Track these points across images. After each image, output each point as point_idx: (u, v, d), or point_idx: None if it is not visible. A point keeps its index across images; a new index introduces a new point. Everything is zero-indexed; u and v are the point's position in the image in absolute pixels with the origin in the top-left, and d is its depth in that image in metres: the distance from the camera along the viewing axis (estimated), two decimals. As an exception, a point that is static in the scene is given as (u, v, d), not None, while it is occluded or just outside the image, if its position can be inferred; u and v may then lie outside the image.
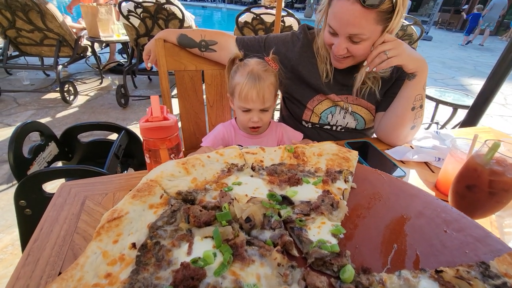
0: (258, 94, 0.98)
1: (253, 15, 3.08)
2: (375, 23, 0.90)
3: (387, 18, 0.90)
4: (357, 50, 0.97)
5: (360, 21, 0.89)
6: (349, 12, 0.88)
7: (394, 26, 0.93)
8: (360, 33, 0.92)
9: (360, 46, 0.96)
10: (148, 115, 0.73)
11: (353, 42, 0.95)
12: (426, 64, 1.01)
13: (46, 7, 3.09)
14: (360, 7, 0.86)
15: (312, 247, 0.46)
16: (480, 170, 0.66)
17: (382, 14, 0.88)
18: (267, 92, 0.99)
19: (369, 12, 0.87)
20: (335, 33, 0.97)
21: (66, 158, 1.64)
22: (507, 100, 5.05)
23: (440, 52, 9.56)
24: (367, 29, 0.91)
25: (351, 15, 0.89)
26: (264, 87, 0.98)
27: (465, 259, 0.46)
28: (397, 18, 0.91)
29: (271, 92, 1.02)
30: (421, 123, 1.12)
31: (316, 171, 0.67)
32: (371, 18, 0.88)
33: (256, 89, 0.98)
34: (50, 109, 3.44)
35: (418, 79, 1.01)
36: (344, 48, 0.97)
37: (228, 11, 20.78)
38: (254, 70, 1.00)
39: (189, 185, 0.58)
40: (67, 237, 0.60)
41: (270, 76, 1.01)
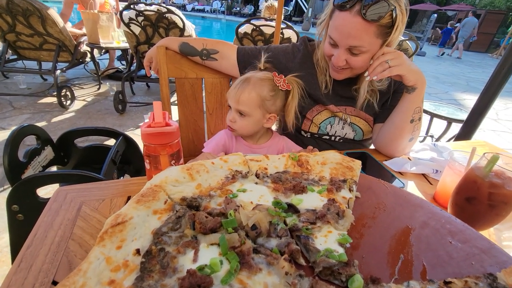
0: (236, 92, 1.00)
1: (252, 27, 3.14)
2: (375, 36, 0.92)
3: (386, 33, 0.93)
4: (356, 62, 0.99)
5: (360, 34, 0.91)
6: (350, 24, 0.91)
7: (393, 40, 0.96)
8: (360, 46, 0.94)
9: (359, 58, 0.98)
10: (150, 120, 0.72)
11: (353, 54, 0.98)
12: (424, 78, 1.03)
13: (47, 12, 3.11)
14: (361, 20, 0.88)
15: (319, 256, 0.45)
16: (479, 182, 0.67)
17: (382, 28, 0.91)
18: (244, 95, 0.98)
19: (369, 25, 0.89)
20: (335, 44, 0.99)
21: (61, 162, 1.62)
22: (499, 115, 5.17)
23: (433, 68, 9.82)
24: (367, 42, 0.93)
25: (352, 28, 0.91)
26: (244, 90, 0.99)
27: (472, 271, 0.45)
28: (396, 33, 0.93)
29: (251, 99, 0.99)
30: (419, 135, 1.13)
31: (320, 180, 0.67)
32: (371, 32, 0.91)
33: (237, 88, 1.00)
34: (46, 114, 3.40)
35: (418, 92, 1.02)
36: (344, 60, 0.99)
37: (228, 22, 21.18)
38: (251, 76, 1.02)
39: (194, 191, 0.57)
40: (61, 243, 0.58)
41: (261, 86, 1.00)
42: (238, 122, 1.03)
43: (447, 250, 0.50)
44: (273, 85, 1.02)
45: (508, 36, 14.33)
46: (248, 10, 26.13)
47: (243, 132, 1.07)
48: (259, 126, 1.07)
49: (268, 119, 1.06)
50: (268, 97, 1.01)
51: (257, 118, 1.03)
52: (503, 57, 1.89)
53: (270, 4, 3.58)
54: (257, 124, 1.05)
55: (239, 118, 1.02)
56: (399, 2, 0.89)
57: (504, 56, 1.88)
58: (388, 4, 0.86)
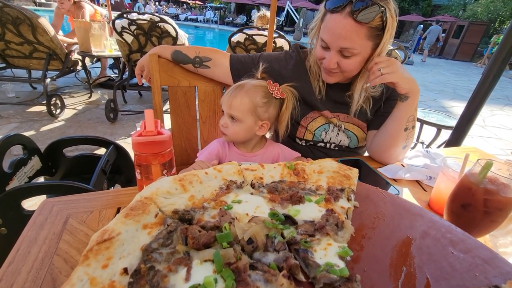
0: (228, 97, 1.00)
1: (245, 36, 3.17)
2: (365, 38, 0.93)
3: (377, 35, 0.94)
4: (347, 65, 1.00)
5: (351, 35, 0.92)
6: (341, 25, 0.92)
7: (384, 43, 0.97)
8: (351, 47, 0.95)
9: (351, 61, 0.99)
10: (142, 129, 0.70)
11: (344, 57, 0.98)
12: (418, 87, 1.04)
13: (38, 21, 3.07)
14: (352, 21, 0.89)
15: (319, 271, 0.43)
16: (474, 189, 0.67)
17: (372, 30, 0.92)
18: (236, 100, 0.98)
19: (360, 26, 0.90)
20: (327, 47, 1.00)
21: (49, 173, 1.56)
22: (486, 122, 5.31)
23: (421, 76, 10.08)
24: (358, 44, 0.94)
25: (343, 29, 0.92)
26: (237, 95, 0.99)
27: (476, 283, 0.44)
28: (387, 35, 0.95)
29: (243, 104, 0.99)
30: (412, 142, 1.14)
31: (317, 189, 0.65)
32: (362, 33, 0.92)
33: (230, 93, 1.00)
34: (34, 123, 3.32)
35: (411, 101, 1.03)
36: (335, 62, 1.00)
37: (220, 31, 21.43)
38: (246, 82, 1.02)
39: (186, 203, 0.54)
40: (46, 259, 0.55)
41: (254, 93, 1.00)
42: (230, 127, 1.02)
43: (450, 261, 0.48)
44: (267, 93, 1.02)
45: (490, 46, 14.87)
46: (241, 20, 26.54)
47: (235, 138, 1.06)
48: (251, 133, 1.05)
49: (261, 127, 1.04)
50: (261, 104, 1.01)
51: (248, 125, 1.02)
52: (488, 66, 1.95)
53: (262, 14, 3.63)
54: (249, 131, 1.04)
55: (231, 123, 1.02)
56: (388, 6, 0.91)
57: (489, 66, 1.94)
58: (378, 6, 0.87)
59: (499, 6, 19.50)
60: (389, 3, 0.91)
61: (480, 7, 20.77)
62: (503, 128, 5.08)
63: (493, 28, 19.37)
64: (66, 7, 4.08)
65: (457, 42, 18.03)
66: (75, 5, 4.15)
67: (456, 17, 22.18)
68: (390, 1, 0.91)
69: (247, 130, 1.03)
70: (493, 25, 19.43)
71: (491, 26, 19.08)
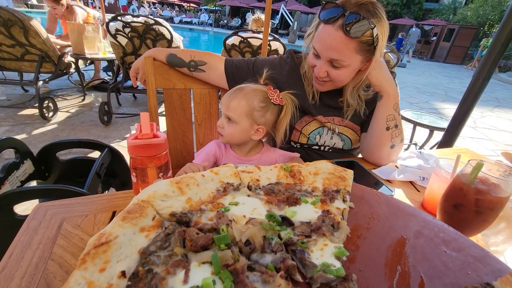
0: (227, 98, 1.01)
1: (240, 38, 3.18)
2: (355, 52, 0.95)
3: (367, 50, 0.96)
4: (337, 75, 1.02)
5: (341, 47, 0.94)
6: (332, 37, 0.94)
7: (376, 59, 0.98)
8: (340, 59, 0.97)
9: (340, 72, 1.01)
10: (137, 132, 0.70)
11: (334, 67, 1.00)
12: (392, 87, 1.06)
13: (30, 23, 3.04)
14: (342, 34, 0.91)
15: (316, 271, 0.43)
16: (466, 189, 0.68)
17: (362, 45, 0.94)
18: (234, 102, 0.99)
19: (350, 40, 0.92)
20: (318, 55, 1.02)
21: (42, 177, 1.54)
22: (477, 124, 5.41)
23: (414, 78, 10.24)
24: (347, 56, 0.96)
25: (334, 41, 0.94)
26: (235, 97, 1.00)
27: (469, 280, 0.45)
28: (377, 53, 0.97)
29: (240, 106, 0.99)
30: (402, 141, 1.16)
31: (313, 191, 0.66)
32: (351, 47, 0.94)
33: (229, 94, 1.02)
34: (26, 126, 3.26)
35: (385, 99, 1.07)
36: (325, 71, 1.02)
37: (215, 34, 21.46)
38: (246, 85, 1.03)
39: (184, 205, 0.54)
40: (40, 264, 0.54)
41: (252, 97, 1.01)
42: (225, 128, 1.03)
43: (443, 260, 0.49)
44: (265, 97, 1.02)
45: (480, 49, 15.20)
46: (235, 23, 26.62)
47: (230, 139, 1.06)
48: (246, 137, 1.06)
49: (256, 131, 1.05)
50: (258, 108, 1.01)
51: (244, 127, 1.02)
52: (478, 69, 1.99)
53: (257, 17, 3.65)
54: (245, 134, 1.04)
55: (227, 124, 1.03)
56: (380, 23, 0.92)
57: (479, 69, 1.98)
58: (369, 23, 0.89)
59: (488, 11, 19.98)
60: (381, 20, 0.93)
61: (470, 11, 21.24)
62: (493, 130, 5.19)
63: (482, 32, 19.81)
64: (59, 12, 4.07)
65: (448, 45, 18.39)
66: (67, 10, 4.13)
67: (447, 21, 22.65)
68: (382, 18, 0.93)
69: (242, 133, 1.03)
70: (482, 28, 19.88)
71: (480, 30, 19.51)
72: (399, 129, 1.12)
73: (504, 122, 5.81)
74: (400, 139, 1.14)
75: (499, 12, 18.82)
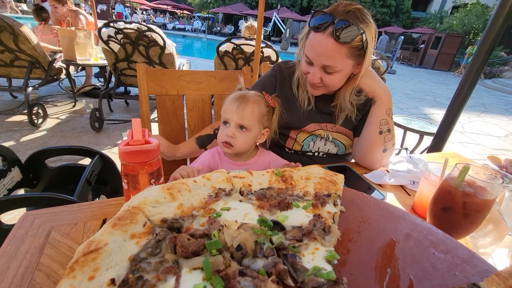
0: (238, 106, 0.99)
1: (233, 45, 3.21)
2: (346, 57, 0.98)
3: (358, 54, 0.99)
4: (330, 80, 1.05)
5: (333, 54, 0.97)
6: (323, 45, 0.96)
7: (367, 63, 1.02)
8: (332, 65, 0.99)
9: (333, 77, 1.03)
10: (129, 138, 0.69)
11: (327, 73, 1.03)
12: (385, 92, 1.10)
13: (19, 29, 3.00)
14: (333, 41, 0.94)
15: (307, 275, 0.44)
16: (453, 192, 0.70)
17: (353, 50, 0.97)
18: (248, 109, 0.99)
19: (341, 46, 0.95)
20: (311, 62, 1.04)
21: (30, 185, 1.50)
22: (465, 128, 5.55)
23: (403, 85, 10.47)
24: (339, 62, 0.99)
25: (325, 48, 0.97)
26: (247, 105, 1.00)
27: (456, 281, 0.46)
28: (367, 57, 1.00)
29: (254, 113, 1.01)
30: (393, 146, 1.18)
31: (304, 195, 0.66)
32: (343, 53, 0.97)
33: (239, 102, 1.00)
34: (14, 133, 3.19)
35: (378, 104, 1.10)
36: (318, 78, 1.04)
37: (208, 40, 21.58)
38: (247, 93, 1.04)
39: (175, 211, 0.54)
40: (26, 275, 0.53)
41: (259, 103, 1.03)
42: (238, 137, 1.01)
43: (431, 261, 0.50)
44: (266, 103, 1.05)
45: (466, 57, 15.68)
46: (229, 30, 26.85)
47: (242, 147, 1.05)
48: (254, 142, 1.08)
49: (262, 134, 1.07)
50: (265, 113, 1.05)
51: (256, 133, 1.04)
52: (464, 76, 2.05)
53: (250, 25, 3.70)
54: (254, 140, 1.06)
55: (240, 133, 1.01)
56: (368, 28, 0.96)
57: (465, 75, 2.04)
58: (358, 29, 0.92)
59: (472, 20, 20.73)
60: (368, 26, 0.96)
61: (455, 20, 21.99)
62: (481, 134, 5.33)
63: (467, 40, 20.49)
64: (59, 11, 4.16)
65: (435, 53, 18.91)
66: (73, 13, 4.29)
67: (434, 29, 23.38)
68: (370, 23, 0.97)
69: (254, 138, 1.05)
70: (468, 37, 20.56)
71: (466, 38, 20.18)
72: (392, 133, 1.14)
73: (491, 126, 5.97)
74: (392, 143, 1.16)
75: (483, 21, 19.56)
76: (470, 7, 22.02)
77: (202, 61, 9.79)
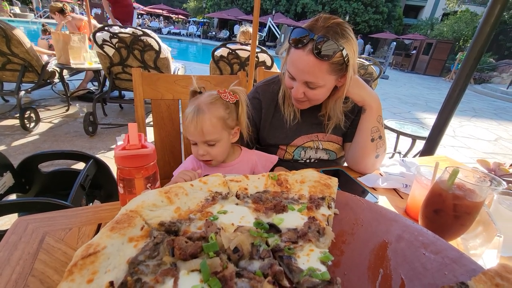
0: (195, 127, 0.95)
1: (228, 50, 3.23)
2: (328, 73, 0.98)
3: (339, 69, 0.99)
4: (314, 95, 1.05)
5: (314, 70, 0.96)
6: (304, 62, 0.96)
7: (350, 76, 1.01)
8: (314, 81, 1.00)
9: (316, 91, 1.04)
10: (125, 142, 0.70)
11: (310, 88, 1.03)
12: (374, 99, 1.11)
13: (12, 32, 2.98)
14: (314, 58, 0.94)
15: (302, 276, 0.45)
16: (444, 195, 0.71)
17: (334, 66, 0.97)
18: (207, 125, 0.95)
19: (322, 63, 0.94)
20: (293, 78, 1.04)
21: (22, 190, 1.48)
22: (456, 133, 5.67)
23: (396, 90, 10.66)
24: (321, 78, 0.99)
25: (306, 65, 0.96)
26: (203, 120, 0.94)
27: (446, 281, 0.48)
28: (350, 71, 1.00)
29: (214, 125, 0.96)
30: (385, 151, 1.20)
31: (299, 198, 0.68)
32: (324, 69, 0.96)
33: (195, 121, 0.95)
34: (5, 137, 3.14)
35: (369, 112, 1.11)
36: (302, 93, 1.04)
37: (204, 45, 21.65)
38: (200, 103, 0.98)
39: (172, 215, 0.55)
40: (19, 281, 0.52)
41: (216, 108, 0.98)
42: (211, 152, 0.99)
43: (422, 261, 0.52)
44: (224, 102, 1.00)
45: (456, 62, 16.07)
46: (224, 35, 27.00)
47: (221, 157, 1.04)
48: (229, 145, 1.06)
49: (233, 134, 1.06)
50: (226, 116, 1.00)
51: (226, 140, 1.02)
52: (454, 81, 2.11)
53: (245, 30, 3.74)
54: (228, 144, 1.05)
55: (210, 148, 0.99)
56: (348, 42, 0.96)
57: (455, 81, 2.10)
58: (338, 45, 0.92)
59: (462, 27, 21.32)
60: (349, 40, 0.96)
61: (446, 27, 22.57)
62: (471, 138, 5.44)
63: (458, 46, 21.03)
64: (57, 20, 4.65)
65: (427, 58, 19.31)
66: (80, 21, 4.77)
67: (425, 36, 23.92)
68: (350, 37, 0.96)
69: (227, 145, 1.03)
70: (458, 43, 21.11)
71: (456, 44, 20.71)
72: (383, 139, 1.16)
73: (481, 131, 6.11)
74: (384, 149, 1.18)
75: (472, 28, 20.12)
76: (460, 14, 22.66)
77: (197, 66, 9.82)
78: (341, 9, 26.88)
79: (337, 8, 26.91)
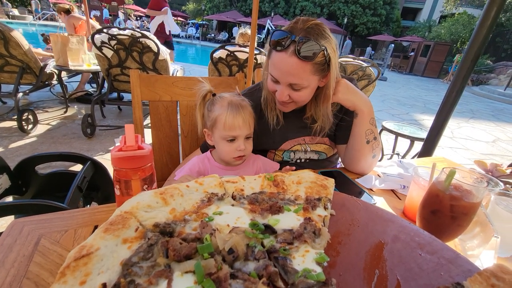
0: (244, 120, 1.01)
1: (227, 52, 3.24)
2: (311, 73, 0.98)
3: (322, 69, 0.99)
4: (298, 97, 1.04)
5: (298, 72, 0.96)
6: (288, 64, 0.95)
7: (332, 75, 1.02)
8: (299, 83, 0.99)
9: (301, 93, 1.03)
10: (121, 144, 0.70)
11: (294, 90, 1.02)
12: (365, 103, 1.11)
13: (10, 34, 2.98)
14: (296, 59, 0.93)
15: (297, 277, 0.45)
16: (441, 195, 0.71)
17: (317, 66, 0.97)
18: (250, 119, 1.04)
19: (305, 63, 0.94)
20: (277, 81, 1.04)
21: (18, 192, 1.47)
22: (454, 134, 5.69)
23: (394, 91, 10.69)
24: (305, 79, 0.99)
25: (290, 67, 0.96)
26: (247, 114, 1.03)
27: (441, 281, 0.47)
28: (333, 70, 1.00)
29: (253, 120, 1.06)
30: (381, 150, 1.22)
31: (296, 199, 0.67)
32: (307, 69, 0.96)
33: (241, 115, 1.01)
34: (3, 139, 3.13)
35: (361, 116, 1.12)
36: (286, 95, 1.04)
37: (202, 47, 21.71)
38: (233, 100, 1.04)
39: (167, 216, 0.54)
40: (14, 283, 0.52)
41: (248, 106, 1.06)
42: (248, 147, 1.06)
43: (418, 262, 0.52)
44: (246, 101, 1.09)
45: (454, 64, 16.14)
46: (223, 37, 27.08)
47: (250, 152, 1.10)
48: None
49: None
50: (253, 113, 1.08)
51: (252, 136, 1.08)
52: (452, 83, 2.12)
53: (244, 32, 3.75)
54: None
55: (248, 142, 1.06)
56: (329, 42, 0.96)
57: (452, 82, 2.11)
58: (320, 45, 0.92)
59: (459, 29, 21.46)
60: (329, 40, 0.96)
61: (443, 29, 22.71)
62: (469, 139, 5.46)
63: (455, 48, 21.14)
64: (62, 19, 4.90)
65: (425, 60, 19.42)
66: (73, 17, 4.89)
67: (423, 38, 24.08)
68: (329, 37, 0.97)
69: None
70: (455, 45, 21.22)
71: (453, 46, 20.82)
72: (378, 140, 1.17)
73: (479, 132, 6.13)
74: (379, 148, 1.19)
75: (469, 30, 20.25)
76: (457, 16, 22.83)
77: (196, 68, 9.83)
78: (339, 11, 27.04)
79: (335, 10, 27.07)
